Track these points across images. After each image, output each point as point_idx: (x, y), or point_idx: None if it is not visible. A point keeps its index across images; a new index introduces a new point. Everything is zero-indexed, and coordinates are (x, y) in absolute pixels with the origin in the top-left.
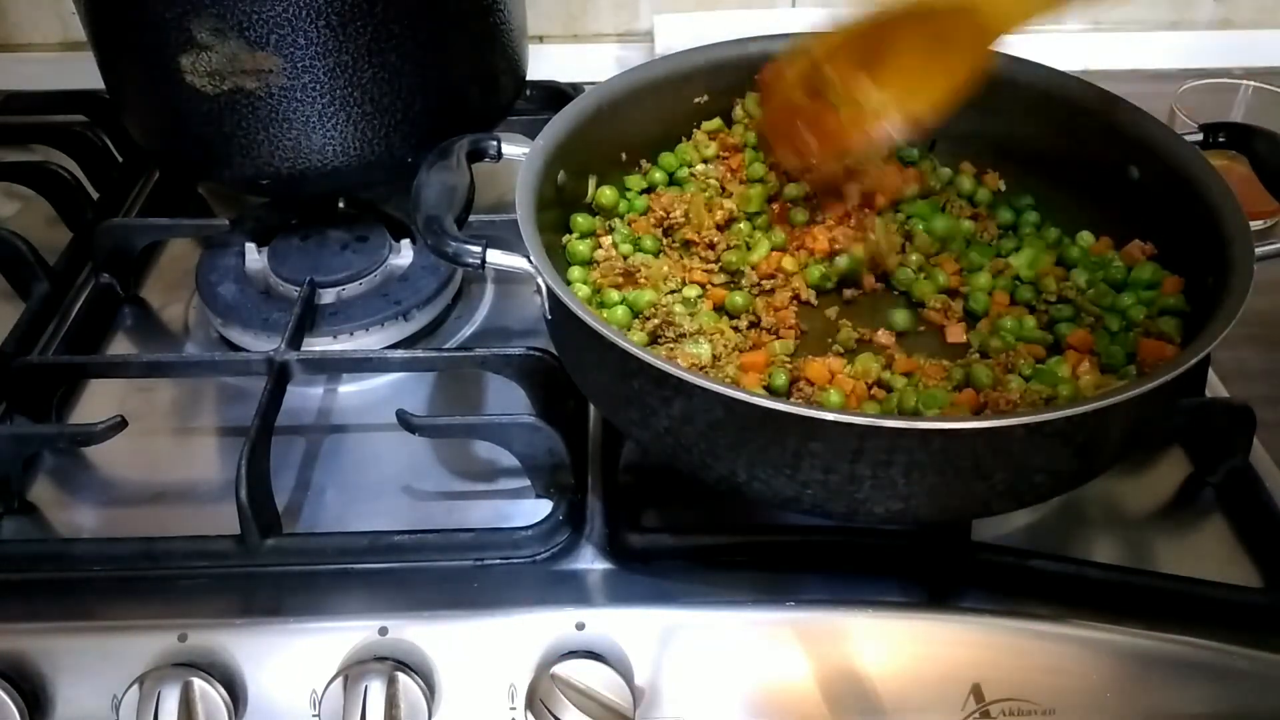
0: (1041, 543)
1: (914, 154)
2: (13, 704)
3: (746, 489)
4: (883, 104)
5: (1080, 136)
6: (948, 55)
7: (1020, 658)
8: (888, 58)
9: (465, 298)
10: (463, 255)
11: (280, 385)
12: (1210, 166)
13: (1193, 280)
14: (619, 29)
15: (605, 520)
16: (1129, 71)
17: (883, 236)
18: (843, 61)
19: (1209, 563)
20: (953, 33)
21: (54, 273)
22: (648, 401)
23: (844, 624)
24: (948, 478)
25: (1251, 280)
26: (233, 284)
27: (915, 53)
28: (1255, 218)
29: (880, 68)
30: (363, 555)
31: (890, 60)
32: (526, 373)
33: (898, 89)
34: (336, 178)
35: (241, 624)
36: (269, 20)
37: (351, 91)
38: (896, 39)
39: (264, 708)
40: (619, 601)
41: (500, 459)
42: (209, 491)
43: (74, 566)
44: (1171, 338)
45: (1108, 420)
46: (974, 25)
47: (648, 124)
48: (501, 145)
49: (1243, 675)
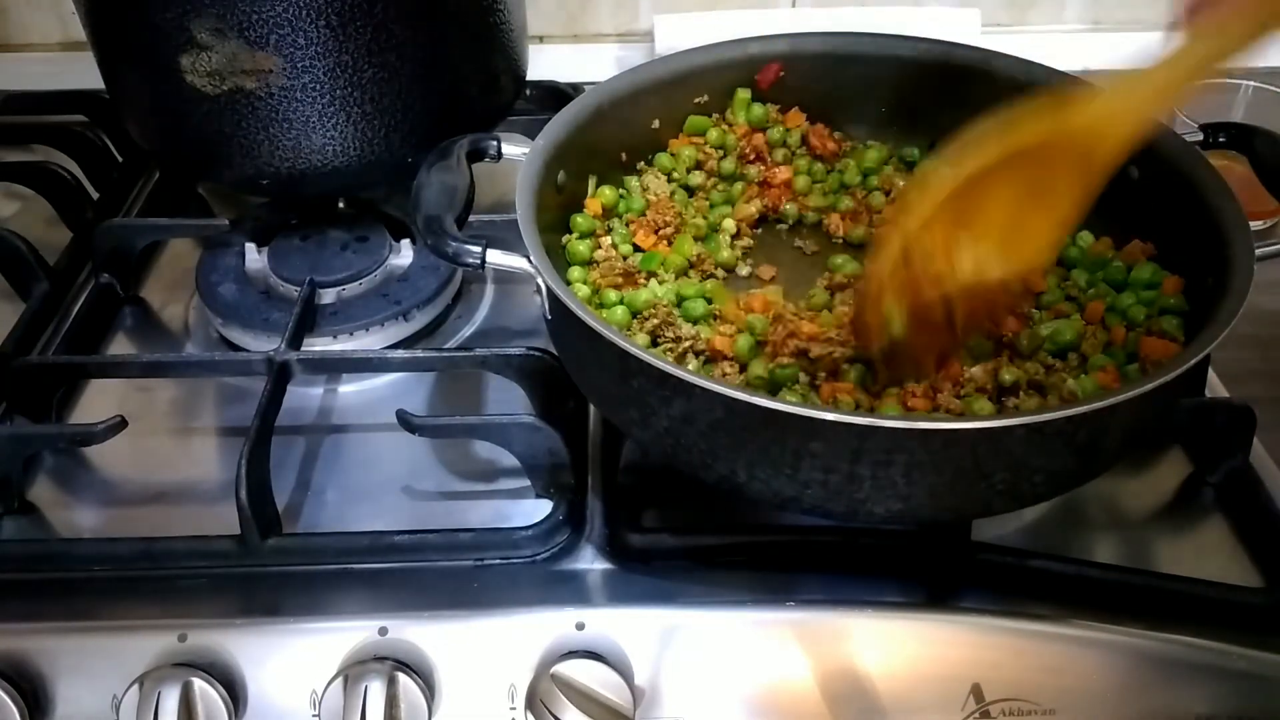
0: (1041, 543)
1: (914, 154)
2: (13, 704)
3: (746, 489)
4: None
5: None
6: (1053, 192)
7: (1020, 658)
8: (987, 212)
9: (465, 298)
10: (463, 255)
11: (280, 385)
12: (1210, 166)
13: (1193, 280)
14: (619, 29)
15: (605, 520)
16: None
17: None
18: (939, 230)
19: (1209, 563)
20: (1054, 167)
21: (54, 273)
22: (648, 401)
23: (844, 624)
24: (948, 478)
25: (1251, 280)
26: (233, 284)
27: (1018, 199)
28: (1255, 218)
29: (982, 225)
30: (363, 555)
31: (991, 214)
32: (526, 373)
33: (1007, 241)
34: (336, 178)
35: (241, 624)
36: (269, 20)
37: (351, 91)
38: (993, 190)
39: (264, 708)
40: (619, 601)
41: (500, 459)
42: (209, 491)
43: (74, 566)
44: (1174, 337)
45: (1108, 420)
46: (1075, 152)
47: (648, 124)
48: (501, 145)
49: (1243, 675)
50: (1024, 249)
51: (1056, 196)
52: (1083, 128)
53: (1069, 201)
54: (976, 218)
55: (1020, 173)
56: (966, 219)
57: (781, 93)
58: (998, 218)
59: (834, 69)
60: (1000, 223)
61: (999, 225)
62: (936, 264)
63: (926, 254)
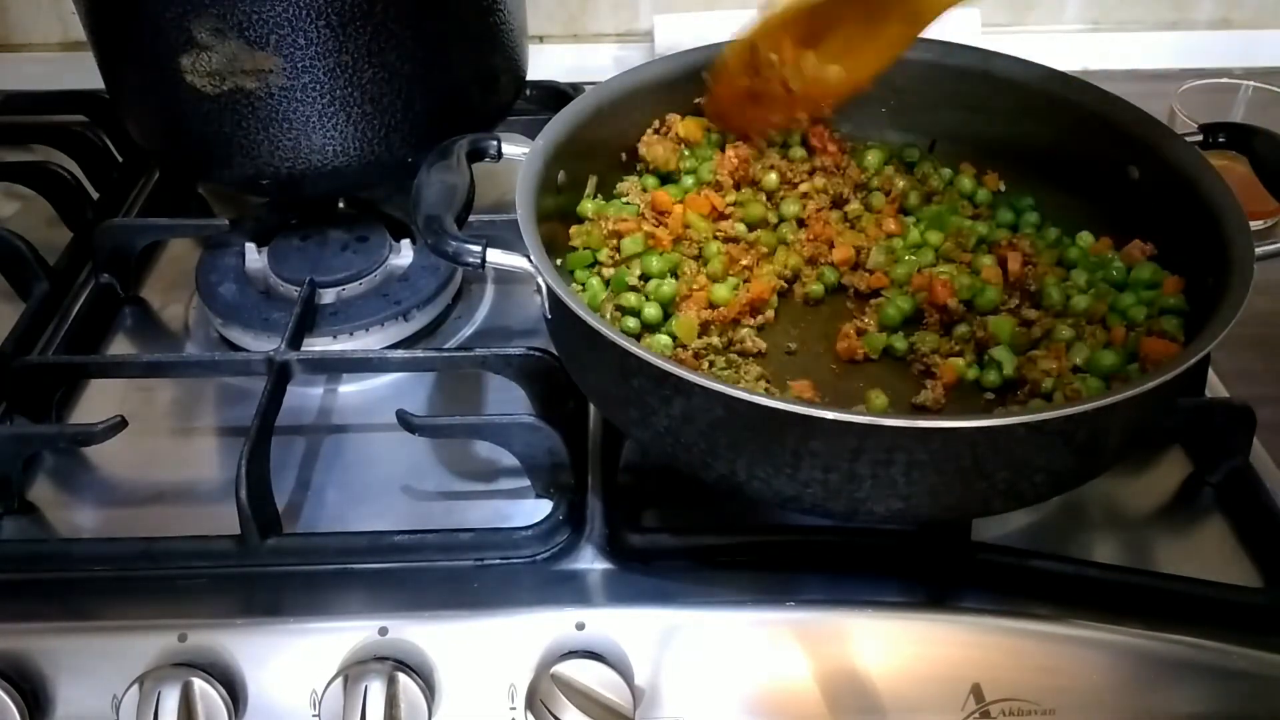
0: (1041, 543)
1: (914, 154)
2: (13, 704)
3: (746, 488)
4: (823, 71)
5: (1080, 136)
6: (883, 28)
7: (1020, 658)
8: (825, 35)
9: (465, 298)
10: (463, 255)
11: (280, 385)
12: (1210, 166)
13: (1193, 280)
14: (619, 29)
15: (605, 520)
16: (1129, 71)
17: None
18: (783, 41)
19: (1209, 563)
20: (887, 9)
21: (54, 273)
22: (648, 401)
23: (844, 624)
24: (948, 477)
25: (1251, 280)
26: (233, 284)
27: (852, 28)
28: (1255, 218)
29: (819, 44)
30: (363, 555)
31: (828, 37)
32: (526, 373)
33: (837, 60)
34: (336, 178)
35: (241, 624)
36: (269, 20)
37: (351, 91)
38: (832, 18)
39: (264, 708)
40: (619, 601)
41: (500, 459)
42: (209, 491)
43: (74, 566)
44: (1174, 337)
45: (1108, 420)
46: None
47: (648, 124)
48: (501, 145)
49: (1243, 675)
50: (854, 69)
51: (885, 33)
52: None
53: (895, 41)
54: (814, 39)
55: (857, 8)
56: (809, 37)
57: None
58: (833, 41)
59: None
60: (835, 44)
61: (834, 46)
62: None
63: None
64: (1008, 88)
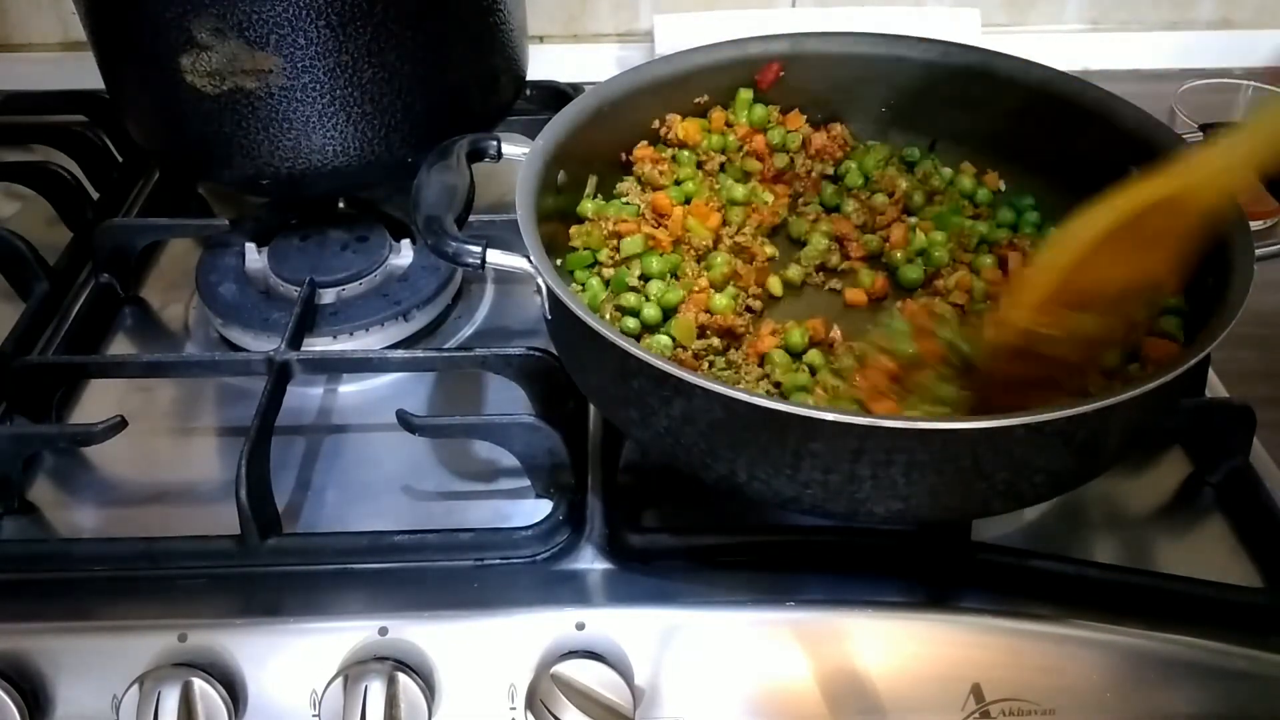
0: (1041, 543)
1: (915, 154)
2: (13, 704)
3: (746, 489)
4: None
5: (1080, 136)
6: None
7: (1020, 658)
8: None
9: (465, 298)
10: (463, 255)
11: (280, 385)
12: None
13: (1193, 280)
14: (619, 29)
15: (605, 520)
16: (1129, 71)
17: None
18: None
19: (1209, 563)
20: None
21: (54, 273)
22: (648, 401)
23: (844, 624)
24: (948, 477)
25: (1251, 280)
26: (233, 284)
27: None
28: (1255, 218)
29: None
30: (363, 555)
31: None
32: (526, 373)
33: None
34: (336, 178)
35: (241, 624)
36: (269, 20)
37: (351, 91)
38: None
39: (264, 708)
40: (619, 601)
41: (500, 459)
42: (209, 491)
43: (74, 566)
44: (1174, 337)
45: (1108, 420)
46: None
47: (648, 124)
48: (501, 145)
49: (1243, 675)
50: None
51: (1158, 259)
52: (1181, 193)
53: (1171, 262)
54: (1088, 292)
55: (1123, 244)
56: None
57: (782, 93)
58: (1108, 289)
59: (834, 69)
60: (1111, 293)
61: (1110, 295)
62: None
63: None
64: (1008, 88)
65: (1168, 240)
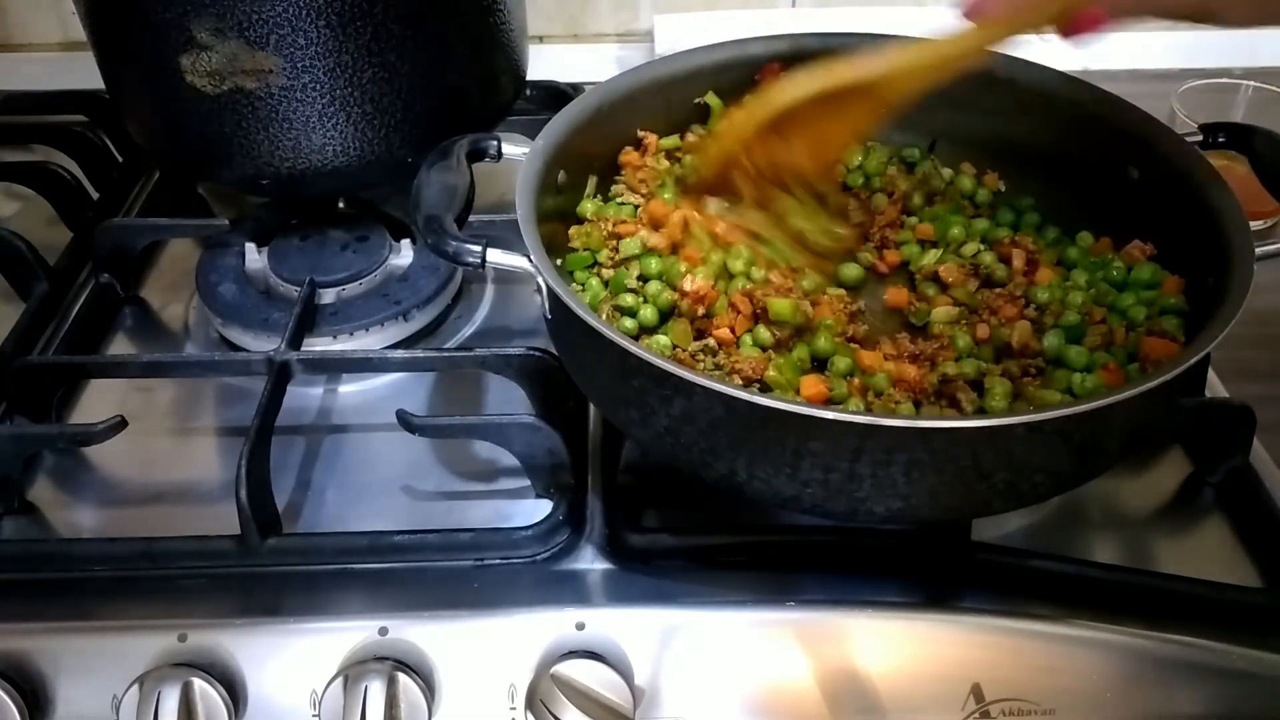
0: (1041, 543)
1: (915, 154)
2: (13, 704)
3: (746, 488)
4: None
5: (1080, 136)
6: (849, 119)
7: (1020, 658)
8: (794, 129)
9: (465, 298)
10: (463, 255)
11: (280, 385)
12: (1210, 166)
13: (1193, 280)
14: (619, 29)
15: (605, 520)
16: (1129, 71)
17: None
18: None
19: (1209, 563)
20: (852, 101)
21: (54, 273)
22: (648, 401)
23: (844, 624)
24: (948, 477)
25: (1251, 280)
26: (233, 284)
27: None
28: (1255, 218)
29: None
30: (363, 555)
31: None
32: (526, 373)
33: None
34: (336, 178)
35: (241, 624)
36: (269, 20)
37: (351, 91)
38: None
39: (264, 708)
40: (619, 601)
41: (500, 459)
42: (209, 491)
43: (74, 566)
44: (1174, 337)
45: (1108, 420)
46: (871, 94)
47: (648, 124)
48: (501, 145)
49: (1243, 675)
50: (824, 153)
51: (851, 121)
52: (880, 77)
53: (860, 126)
54: (789, 131)
55: (824, 103)
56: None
57: None
58: (806, 132)
59: None
60: (807, 137)
61: (806, 138)
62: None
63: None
64: (1008, 88)
65: (855, 114)
